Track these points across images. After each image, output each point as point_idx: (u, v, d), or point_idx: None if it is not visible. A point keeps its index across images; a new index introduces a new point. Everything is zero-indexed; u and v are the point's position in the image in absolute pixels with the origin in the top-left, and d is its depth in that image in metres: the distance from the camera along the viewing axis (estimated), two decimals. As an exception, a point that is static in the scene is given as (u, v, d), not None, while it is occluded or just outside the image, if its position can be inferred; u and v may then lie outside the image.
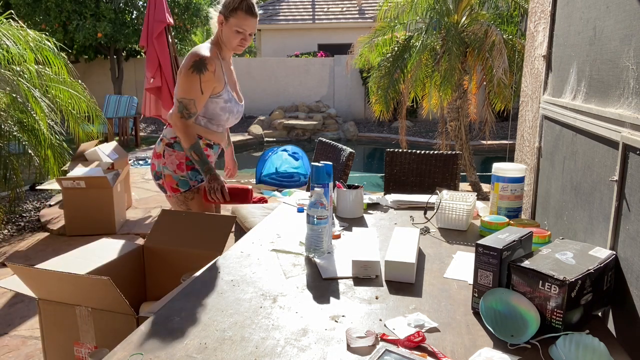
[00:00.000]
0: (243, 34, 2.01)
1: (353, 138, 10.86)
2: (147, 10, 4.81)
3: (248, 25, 2.00)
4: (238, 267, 1.44)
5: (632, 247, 1.13)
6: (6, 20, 4.28)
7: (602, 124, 1.30)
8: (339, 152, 2.90)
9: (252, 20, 2.00)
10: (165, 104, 4.91)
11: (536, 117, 2.10)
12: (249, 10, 1.98)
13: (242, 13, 1.97)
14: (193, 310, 1.18)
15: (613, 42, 1.28)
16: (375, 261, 1.38)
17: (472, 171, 5.93)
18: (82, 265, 1.74)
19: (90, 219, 4.01)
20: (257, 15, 2.02)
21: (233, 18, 1.97)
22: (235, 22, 1.98)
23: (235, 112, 2.14)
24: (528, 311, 1.07)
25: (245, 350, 1.00)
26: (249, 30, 2.02)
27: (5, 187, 4.32)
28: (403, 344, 1.02)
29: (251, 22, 2.00)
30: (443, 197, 1.87)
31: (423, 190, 2.71)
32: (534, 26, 2.28)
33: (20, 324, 2.65)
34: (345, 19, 13.59)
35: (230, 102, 2.09)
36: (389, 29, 6.21)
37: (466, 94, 5.99)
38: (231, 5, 1.97)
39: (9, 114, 4.14)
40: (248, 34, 2.03)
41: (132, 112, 9.06)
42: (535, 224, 1.65)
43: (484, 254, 1.15)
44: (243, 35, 2.01)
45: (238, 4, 1.96)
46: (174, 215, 2.03)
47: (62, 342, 1.59)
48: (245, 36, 2.02)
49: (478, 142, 8.90)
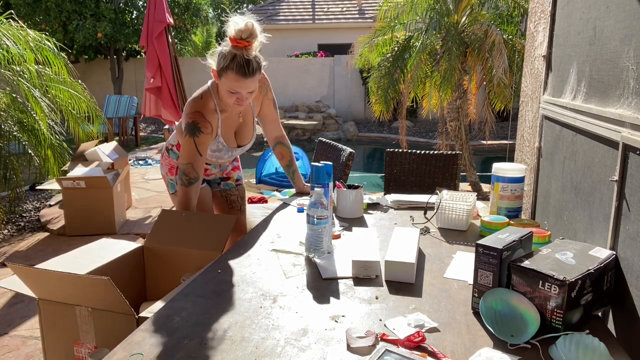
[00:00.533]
0: (238, 94, 1.72)
1: (353, 138, 10.86)
2: (147, 10, 4.81)
3: (241, 87, 1.69)
4: (238, 267, 1.44)
5: (632, 247, 1.13)
6: (6, 20, 4.28)
7: (602, 124, 1.30)
8: (339, 152, 2.90)
9: (246, 81, 1.68)
10: (165, 104, 4.91)
11: (536, 117, 2.10)
12: (240, 71, 1.65)
13: (232, 74, 1.66)
14: (193, 310, 1.18)
15: (613, 42, 1.28)
16: (375, 261, 1.38)
17: (472, 171, 5.93)
18: (82, 265, 1.74)
19: (90, 219, 4.01)
20: (254, 73, 1.69)
21: (224, 78, 1.69)
22: (227, 83, 1.69)
23: (225, 157, 2.03)
24: (528, 311, 1.07)
25: (245, 350, 1.00)
26: (245, 90, 1.72)
27: (5, 187, 4.32)
28: (403, 344, 1.02)
29: (246, 83, 1.69)
30: (443, 197, 1.87)
31: (423, 190, 2.71)
32: (534, 26, 2.28)
33: (20, 324, 2.65)
34: (345, 19, 13.59)
35: (220, 151, 1.97)
36: (389, 29, 6.21)
37: (466, 94, 5.99)
38: (222, 63, 1.68)
39: (9, 114, 4.14)
40: (246, 93, 1.74)
41: (132, 112, 9.06)
42: (535, 224, 1.65)
43: (484, 254, 1.15)
44: (238, 94, 1.72)
45: (228, 63, 1.66)
46: (174, 215, 2.03)
47: (62, 342, 1.59)
48: (241, 95, 1.73)
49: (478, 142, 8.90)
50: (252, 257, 1.53)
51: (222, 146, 1.97)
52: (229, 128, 1.97)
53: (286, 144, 2.22)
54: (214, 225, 1.88)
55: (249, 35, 1.64)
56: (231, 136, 2.00)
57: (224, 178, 2.28)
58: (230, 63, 1.65)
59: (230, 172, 2.30)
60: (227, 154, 2.02)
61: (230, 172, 2.30)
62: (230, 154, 2.03)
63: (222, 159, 2.05)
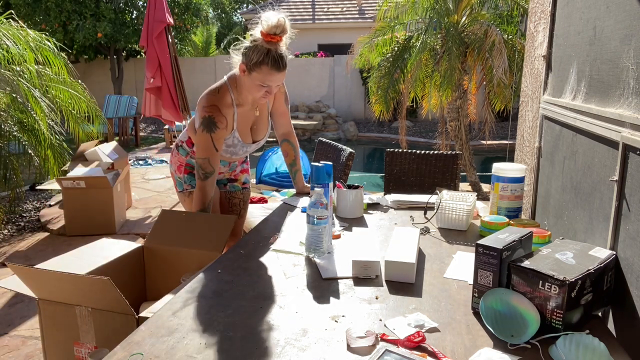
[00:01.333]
0: (268, 87, 1.78)
1: (353, 138, 10.87)
2: (147, 10, 4.82)
3: (273, 80, 1.75)
4: (238, 267, 1.44)
5: (632, 247, 1.13)
6: (6, 20, 4.28)
7: (602, 124, 1.30)
8: (339, 152, 2.90)
9: (279, 75, 1.75)
10: (165, 104, 4.92)
11: (536, 117, 2.10)
12: (275, 65, 1.71)
13: (267, 68, 1.71)
14: (193, 310, 1.18)
15: (613, 42, 1.28)
16: (375, 261, 1.38)
17: (472, 171, 5.93)
18: (82, 265, 1.74)
19: (90, 219, 4.01)
20: (286, 67, 1.76)
21: (256, 72, 1.73)
22: (259, 77, 1.73)
23: (240, 152, 2.02)
24: (528, 311, 1.07)
25: (245, 350, 1.00)
26: (276, 84, 1.79)
27: (5, 187, 4.32)
28: (403, 344, 1.02)
29: (278, 77, 1.75)
30: (443, 197, 1.87)
31: (423, 190, 2.71)
32: (534, 26, 2.28)
33: (20, 324, 2.65)
34: (345, 19, 13.59)
35: (235, 147, 1.96)
36: (389, 29, 6.22)
37: (466, 94, 5.99)
38: (254, 58, 1.71)
39: (9, 114, 4.14)
40: (275, 86, 1.80)
41: (132, 112, 9.06)
42: (535, 224, 1.65)
43: (484, 254, 1.15)
44: (268, 88, 1.78)
45: (263, 58, 1.70)
46: (174, 215, 2.03)
47: (62, 342, 1.59)
48: (270, 89, 1.79)
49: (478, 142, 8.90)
50: (252, 257, 1.53)
51: (238, 141, 1.95)
52: (246, 123, 1.96)
53: (292, 142, 2.21)
54: (214, 225, 1.88)
55: (281, 31, 1.70)
56: (247, 131, 1.99)
57: (231, 179, 2.26)
58: (265, 58, 1.69)
59: (239, 174, 2.28)
60: (242, 149, 2.00)
61: (238, 174, 2.27)
62: (244, 149, 2.01)
63: (237, 154, 2.03)
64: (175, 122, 5.19)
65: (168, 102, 4.90)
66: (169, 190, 5.62)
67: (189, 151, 2.08)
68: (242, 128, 1.95)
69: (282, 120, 2.16)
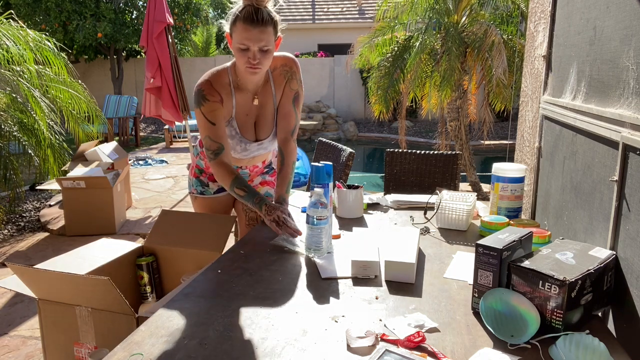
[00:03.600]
0: (249, 50, 1.57)
1: (353, 138, 10.87)
2: (147, 10, 4.81)
3: (250, 39, 1.54)
4: (238, 267, 1.44)
5: (632, 247, 1.13)
6: (6, 20, 4.28)
7: (602, 124, 1.30)
8: (339, 152, 2.90)
9: (254, 31, 1.53)
10: (165, 104, 4.91)
11: (536, 117, 2.10)
12: (248, 19, 1.52)
13: (240, 24, 1.53)
14: (193, 310, 1.18)
15: (613, 42, 1.28)
16: (374, 261, 1.38)
17: (472, 171, 5.93)
18: (82, 265, 1.74)
19: (90, 219, 4.01)
20: (265, 23, 1.54)
21: (234, 33, 1.57)
22: (237, 38, 1.56)
23: (238, 149, 1.85)
24: (528, 311, 1.07)
25: (245, 350, 1.00)
26: (255, 44, 1.56)
27: (5, 187, 4.32)
28: (403, 344, 1.02)
29: (254, 34, 1.53)
30: (443, 197, 1.87)
31: (423, 190, 2.71)
32: (534, 26, 2.28)
33: (20, 324, 2.65)
34: (345, 19, 13.59)
35: (232, 139, 1.81)
36: (389, 29, 6.22)
37: (466, 94, 5.99)
38: (230, 17, 1.57)
39: (9, 114, 4.14)
40: (256, 50, 1.57)
41: (132, 112, 9.06)
42: (535, 224, 1.65)
43: (484, 254, 1.14)
44: (249, 52, 1.57)
45: (237, 14, 1.54)
46: (174, 215, 2.03)
47: (62, 342, 1.60)
48: (252, 53, 1.57)
49: (478, 142, 8.90)
50: (252, 257, 1.53)
51: (236, 133, 1.80)
52: (246, 113, 1.81)
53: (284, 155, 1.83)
54: (214, 225, 1.88)
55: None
56: (248, 125, 1.83)
57: None
58: (239, 13, 1.54)
59: (258, 185, 2.07)
60: (240, 145, 1.83)
61: (257, 185, 2.07)
62: (244, 146, 1.84)
63: (236, 151, 1.86)
64: (175, 122, 5.19)
65: (168, 102, 4.90)
66: (169, 190, 5.62)
67: (199, 151, 2.01)
68: (242, 118, 1.80)
69: (282, 123, 1.85)
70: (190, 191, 2.09)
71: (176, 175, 6.37)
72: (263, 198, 1.68)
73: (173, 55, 4.90)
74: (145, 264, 1.86)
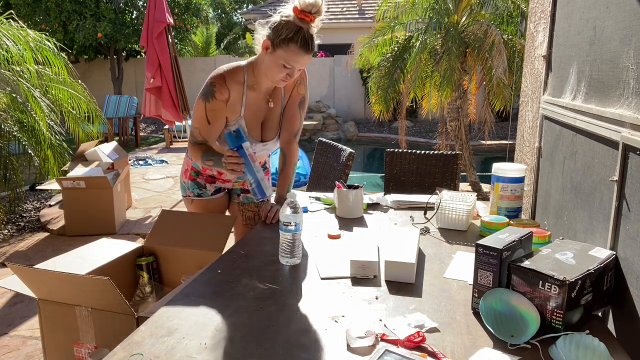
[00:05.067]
0: (291, 70, 1.65)
1: (353, 138, 10.87)
2: (147, 10, 4.82)
3: (298, 62, 1.63)
4: (238, 267, 1.44)
5: (632, 247, 1.13)
6: (6, 20, 4.28)
7: (602, 124, 1.30)
8: (339, 152, 2.90)
9: (305, 57, 1.63)
10: (165, 104, 4.92)
11: (536, 117, 2.10)
12: (304, 46, 1.59)
13: (295, 47, 1.59)
14: (193, 310, 1.18)
15: (613, 42, 1.28)
16: (373, 261, 1.38)
17: (472, 171, 5.93)
18: (82, 265, 1.74)
19: (90, 219, 4.01)
20: (314, 51, 1.65)
21: (282, 50, 1.60)
22: (284, 56, 1.61)
23: None
24: (528, 311, 1.07)
25: (245, 351, 1.00)
26: (300, 67, 1.65)
27: (5, 187, 4.32)
28: (403, 344, 1.02)
29: (304, 59, 1.63)
30: (443, 197, 1.87)
31: (423, 190, 2.71)
32: (534, 26, 2.28)
33: (20, 324, 2.65)
34: (345, 19, 13.59)
35: None
36: (389, 29, 6.21)
37: (466, 94, 5.99)
38: (283, 33, 1.59)
39: (9, 114, 4.14)
40: (297, 70, 1.67)
41: (132, 112, 9.06)
42: (535, 224, 1.65)
43: (484, 254, 1.14)
44: (290, 71, 1.65)
45: (293, 35, 1.58)
46: (174, 215, 2.03)
47: (62, 342, 1.59)
48: (292, 72, 1.66)
49: (478, 142, 8.90)
50: (252, 257, 1.53)
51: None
52: (255, 112, 1.83)
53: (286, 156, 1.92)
54: (214, 225, 1.88)
55: (317, 11, 1.59)
56: (256, 125, 1.85)
57: (245, 190, 2.10)
58: (295, 36, 1.57)
59: None
60: None
61: None
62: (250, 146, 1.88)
63: None
64: (175, 122, 5.19)
65: (168, 102, 4.90)
66: (169, 190, 5.62)
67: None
68: (250, 117, 1.81)
69: (287, 125, 1.92)
70: (185, 195, 2.06)
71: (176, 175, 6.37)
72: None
73: (173, 55, 4.91)
74: (145, 264, 1.86)
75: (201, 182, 2.03)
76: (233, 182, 2.07)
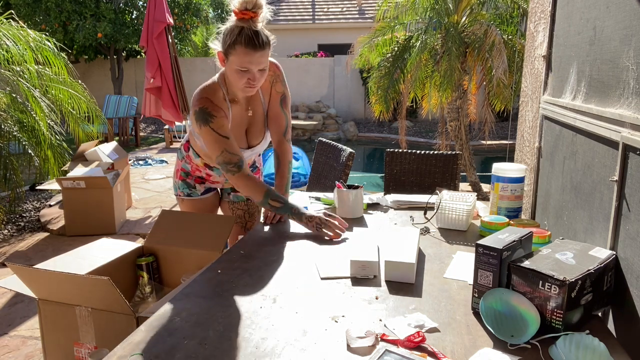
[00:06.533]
0: (249, 72, 1.61)
1: (353, 138, 10.87)
2: (147, 10, 4.82)
3: (252, 62, 1.58)
4: (238, 267, 1.44)
5: (632, 247, 1.13)
6: (6, 20, 4.28)
7: (602, 124, 1.30)
8: (339, 152, 2.90)
9: (256, 54, 1.57)
10: (165, 104, 4.92)
11: (536, 117, 2.10)
12: (250, 43, 1.54)
13: (241, 48, 1.55)
14: (193, 310, 1.18)
15: (613, 42, 1.28)
16: (373, 261, 1.38)
17: (472, 171, 5.93)
18: (82, 265, 1.74)
19: (90, 219, 4.01)
20: (265, 46, 1.58)
21: (232, 56, 1.58)
22: (235, 60, 1.58)
23: None
24: (528, 311, 1.07)
25: (245, 351, 1.00)
26: (256, 67, 1.60)
27: (5, 187, 4.32)
28: (403, 344, 1.02)
29: (255, 57, 1.57)
30: (443, 197, 1.87)
31: (423, 190, 2.71)
32: (534, 26, 2.28)
33: (20, 324, 2.65)
34: (345, 19, 13.59)
35: None
36: (389, 29, 6.22)
37: (466, 94, 5.99)
38: (228, 39, 1.57)
39: (9, 114, 4.14)
40: (257, 71, 1.61)
41: (132, 112, 9.06)
42: (535, 224, 1.65)
43: (484, 254, 1.14)
44: (249, 73, 1.61)
45: (236, 37, 1.55)
46: (174, 215, 2.03)
47: (62, 342, 1.60)
48: (252, 75, 1.61)
49: (478, 142, 8.90)
50: (252, 257, 1.53)
51: None
52: (239, 124, 1.83)
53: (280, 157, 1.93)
54: (214, 225, 1.88)
55: (253, 6, 1.55)
56: (240, 134, 1.85)
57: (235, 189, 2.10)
58: (238, 37, 1.55)
59: None
60: None
61: None
62: None
63: None
64: (175, 122, 5.19)
65: (168, 102, 4.90)
66: (169, 190, 5.62)
67: (184, 155, 2.01)
68: (235, 129, 1.81)
69: (274, 126, 1.92)
70: (176, 194, 2.09)
71: (176, 175, 6.36)
72: (298, 208, 1.74)
73: (173, 55, 4.90)
74: (145, 264, 1.86)
75: (190, 182, 2.04)
76: (223, 182, 2.09)
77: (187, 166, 2.03)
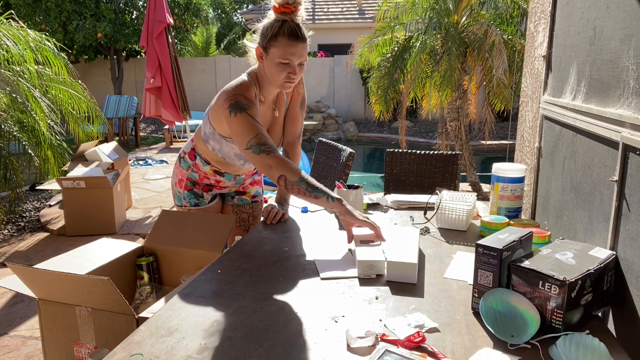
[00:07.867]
0: (290, 65, 1.60)
1: (353, 138, 10.87)
2: (147, 10, 4.82)
3: (294, 53, 1.59)
4: (238, 268, 1.44)
5: (632, 247, 1.13)
6: (6, 21, 4.28)
7: (602, 124, 1.30)
8: (339, 152, 2.90)
9: (299, 46, 1.59)
10: (165, 104, 4.92)
11: (536, 117, 2.10)
12: (292, 35, 1.57)
13: (284, 39, 1.56)
14: (193, 310, 1.18)
15: (613, 42, 1.28)
16: (381, 260, 1.38)
17: (472, 171, 5.93)
18: (82, 265, 1.74)
19: (90, 219, 4.01)
20: (305, 39, 1.61)
21: (274, 48, 1.58)
22: (278, 52, 1.58)
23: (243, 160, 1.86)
24: (528, 311, 1.07)
25: (245, 351, 1.00)
26: (297, 59, 1.61)
27: (5, 187, 4.32)
28: (403, 344, 1.02)
29: (298, 49, 1.59)
30: (443, 198, 1.87)
31: (423, 190, 2.71)
32: (534, 26, 2.28)
33: (20, 324, 2.65)
34: (345, 19, 13.59)
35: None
36: (389, 29, 6.22)
37: (466, 94, 5.99)
38: (269, 32, 1.59)
39: (9, 114, 4.14)
40: (297, 64, 1.62)
41: (132, 112, 9.07)
42: (535, 224, 1.65)
43: (484, 254, 1.14)
44: (290, 67, 1.61)
45: (278, 29, 1.57)
46: (174, 215, 2.03)
47: (62, 342, 1.60)
48: (293, 68, 1.61)
49: (478, 142, 8.90)
50: (252, 257, 1.53)
51: None
52: (264, 124, 1.80)
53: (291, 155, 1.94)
54: (214, 225, 1.88)
55: (294, 1, 1.58)
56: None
57: (240, 192, 2.11)
58: (280, 30, 1.56)
59: (248, 186, 2.11)
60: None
61: (247, 186, 2.11)
62: None
63: (248, 163, 1.88)
64: (175, 122, 5.19)
65: (168, 102, 4.90)
66: (169, 190, 5.62)
67: (190, 164, 1.95)
68: None
69: (290, 127, 1.92)
70: (180, 205, 2.02)
71: (176, 175, 6.36)
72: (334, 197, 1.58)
73: (173, 55, 4.91)
74: (145, 264, 1.86)
75: (198, 192, 2.01)
76: (230, 187, 2.07)
77: (195, 175, 1.97)
